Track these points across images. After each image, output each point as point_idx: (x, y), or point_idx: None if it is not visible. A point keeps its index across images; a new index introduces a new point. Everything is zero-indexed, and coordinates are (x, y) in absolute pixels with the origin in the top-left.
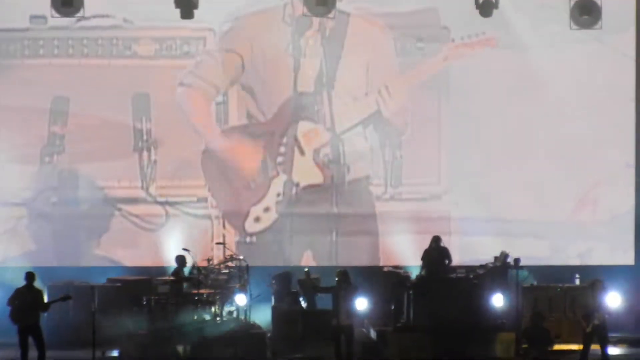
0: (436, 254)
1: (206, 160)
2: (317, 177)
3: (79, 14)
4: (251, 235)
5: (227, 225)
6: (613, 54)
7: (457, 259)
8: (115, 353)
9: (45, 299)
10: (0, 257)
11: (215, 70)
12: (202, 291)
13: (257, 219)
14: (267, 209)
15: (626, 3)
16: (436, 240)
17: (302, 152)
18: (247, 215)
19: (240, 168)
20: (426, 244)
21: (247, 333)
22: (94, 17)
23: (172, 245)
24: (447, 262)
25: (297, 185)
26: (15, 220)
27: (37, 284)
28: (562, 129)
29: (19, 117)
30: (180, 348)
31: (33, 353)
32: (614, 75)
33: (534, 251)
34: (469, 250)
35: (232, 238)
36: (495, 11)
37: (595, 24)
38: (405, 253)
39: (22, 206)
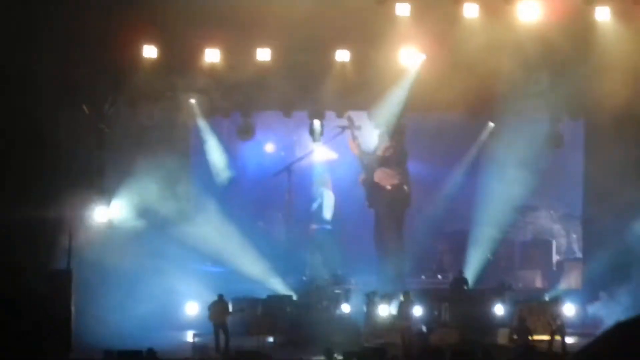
0: (460, 281)
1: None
2: None
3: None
4: None
5: None
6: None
7: (472, 284)
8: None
9: (230, 309)
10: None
11: None
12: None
13: None
14: None
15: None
16: (460, 272)
17: None
18: None
19: None
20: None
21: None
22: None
23: None
24: (466, 286)
25: None
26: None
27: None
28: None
29: None
30: None
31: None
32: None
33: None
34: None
35: None
36: None
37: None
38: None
39: None
